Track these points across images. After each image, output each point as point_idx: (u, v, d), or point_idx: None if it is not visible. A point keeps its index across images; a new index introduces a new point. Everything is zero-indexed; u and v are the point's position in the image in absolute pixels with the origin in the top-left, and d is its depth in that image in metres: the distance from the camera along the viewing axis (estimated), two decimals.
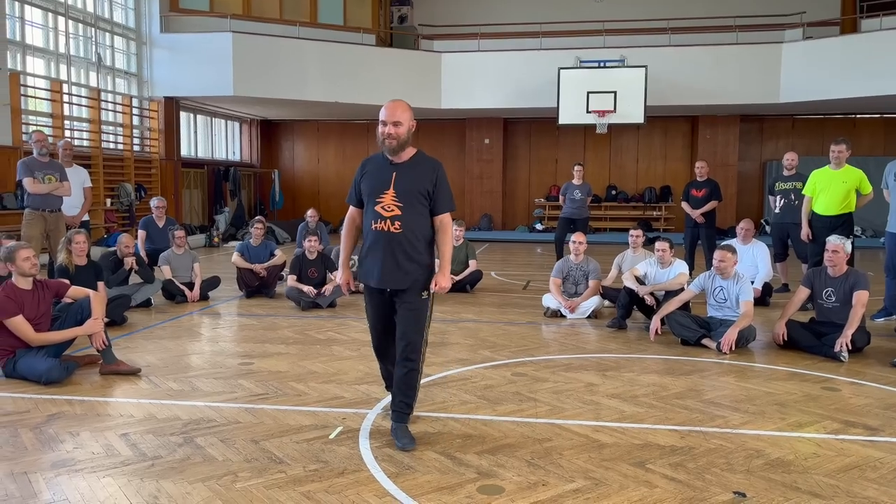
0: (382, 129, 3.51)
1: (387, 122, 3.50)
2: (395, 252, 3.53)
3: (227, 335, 6.41)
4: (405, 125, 3.53)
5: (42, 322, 4.88)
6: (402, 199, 3.52)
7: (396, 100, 3.61)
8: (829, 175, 7.62)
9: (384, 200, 3.52)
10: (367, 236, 3.61)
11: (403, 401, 3.65)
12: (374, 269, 3.58)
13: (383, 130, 3.51)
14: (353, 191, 3.70)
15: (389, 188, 3.52)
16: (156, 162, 14.99)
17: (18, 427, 3.83)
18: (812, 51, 14.95)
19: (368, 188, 3.59)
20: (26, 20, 11.92)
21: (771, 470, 3.32)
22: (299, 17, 15.94)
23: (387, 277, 3.55)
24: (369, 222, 3.57)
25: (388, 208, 3.51)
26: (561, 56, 15.50)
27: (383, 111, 3.53)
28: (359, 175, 3.67)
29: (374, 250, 3.56)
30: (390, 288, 3.58)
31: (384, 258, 3.54)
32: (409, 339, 3.59)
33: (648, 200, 18.45)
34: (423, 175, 3.57)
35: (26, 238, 7.08)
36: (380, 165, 3.62)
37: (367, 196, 3.59)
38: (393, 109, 3.52)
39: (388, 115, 3.51)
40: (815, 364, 5.30)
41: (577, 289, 7.29)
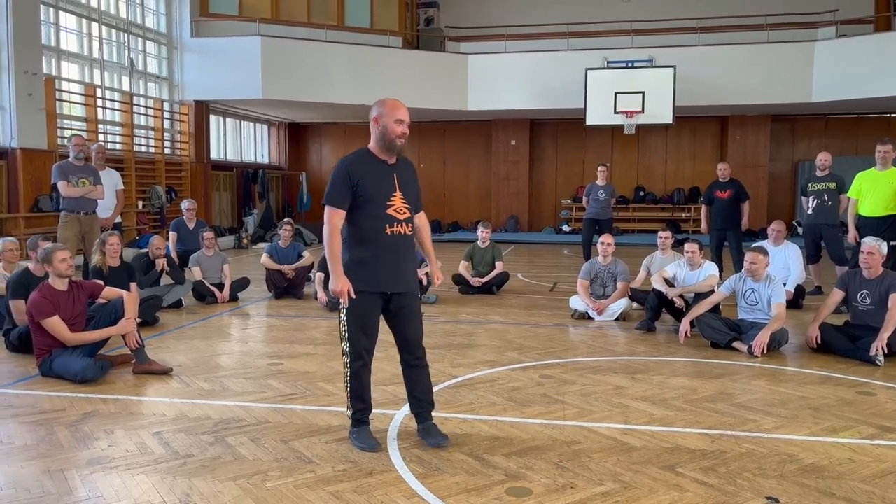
0: (399, 127, 3.41)
1: (404, 120, 3.43)
2: (408, 255, 3.52)
3: (256, 336, 6.48)
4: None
5: (77, 322, 4.98)
6: (408, 201, 3.50)
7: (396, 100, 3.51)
8: (874, 176, 7.47)
9: (395, 203, 3.44)
10: (372, 241, 3.42)
11: (429, 399, 3.67)
12: (388, 274, 3.44)
13: (402, 130, 3.42)
14: (346, 193, 3.37)
15: (396, 190, 3.45)
16: (186, 164, 15.22)
17: (55, 425, 3.91)
18: (845, 49, 14.67)
19: (373, 191, 3.39)
20: (61, 26, 12.18)
21: (804, 475, 3.26)
22: (327, 21, 16.06)
23: (401, 280, 3.49)
24: (381, 226, 3.40)
25: (400, 211, 3.45)
26: (588, 56, 15.42)
27: (398, 109, 3.42)
28: (352, 177, 3.37)
29: (387, 254, 3.43)
30: (402, 291, 3.51)
31: (399, 262, 3.47)
32: (419, 338, 3.61)
33: (677, 201, 18.25)
34: (414, 176, 3.60)
35: (62, 240, 7.23)
36: (377, 167, 3.45)
37: (372, 199, 3.39)
38: (406, 108, 3.46)
39: (405, 113, 3.43)
40: (849, 368, 5.20)
41: (605, 291, 7.24)
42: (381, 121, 3.42)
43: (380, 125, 3.43)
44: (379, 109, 3.45)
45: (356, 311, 3.45)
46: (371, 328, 3.52)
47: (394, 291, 3.49)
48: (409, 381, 3.66)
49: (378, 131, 3.44)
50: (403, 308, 3.54)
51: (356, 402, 3.59)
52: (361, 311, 3.46)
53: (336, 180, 3.39)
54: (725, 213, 9.33)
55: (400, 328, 3.58)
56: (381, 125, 3.43)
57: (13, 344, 5.55)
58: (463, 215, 19.49)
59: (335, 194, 3.38)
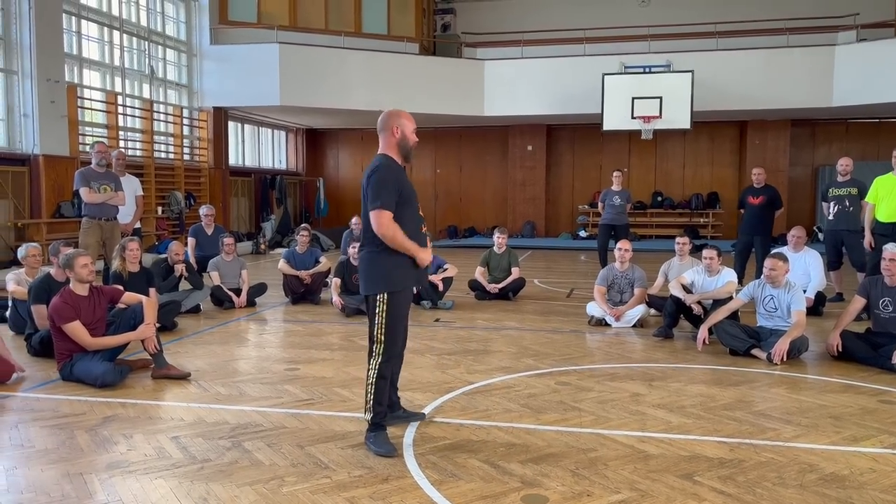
0: (414, 137, 3.72)
1: (415, 130, 3.74)
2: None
3: (273, 341, 6.52)
4: None
5: (97, 327, 5.03)
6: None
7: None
8: (892, 181, 7.39)
9: (419, 205, 3.76)
10: (412, 239, 3.61)
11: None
12: (421, 270, 3.74)
13: (415, 139, 3.73)
14: (395, 196, 3.56)
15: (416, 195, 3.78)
16: (205, 171, 15.36)
17: (74, 429, 3.96)
18: (866, 53, 14.51)
19: (408, 194, 3.64)
20: (83, 34, 12.37)
21: (825, 485, 3.22)
22: (344, 28, 16.16)
23: (424, 276, 3.96)
24: (417, 226, 3.68)
25: (420, 211, 3.78)
26: (605, 62, 15.38)
27: (412, 119, 3.74)
28: (396, 182, 3.58)
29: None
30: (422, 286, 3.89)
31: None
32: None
33: (695, 207, 18.12)
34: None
35: (83, 246, 7.32)
36: (403, 172, 3.70)
37: (409, 201, 3.63)
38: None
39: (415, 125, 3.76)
40: (871, 376, 5.13)
41: (622, 297, 7.20)
42: (401, 130, 3.67)
43: (398, 134, 3.66)
44: (397, 120, 3.67)
45: (398, 310, 3.63)
46: (405, 323, 3.74)
47: (421, 286, 3.73)
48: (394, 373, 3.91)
49: (397, 139, 3.67)
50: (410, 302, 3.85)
51: (378, 404, 3.63)
52: (402, 310, 3.67)
53: (386, 185, 3.55)
54: (755, 219, 9.21)
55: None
56: (400, 134, 3.66)
57: (35, 348, 5.63)
58: (479, 221, 19.49)
59: (387, 198, 3.54)
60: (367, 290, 3.67)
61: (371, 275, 3.64)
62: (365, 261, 3.68)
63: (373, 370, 3.63)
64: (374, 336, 3.65)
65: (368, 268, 3.65)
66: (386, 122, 3.68)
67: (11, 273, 6.70)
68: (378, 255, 3.61)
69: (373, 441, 3.63)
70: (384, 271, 3.59)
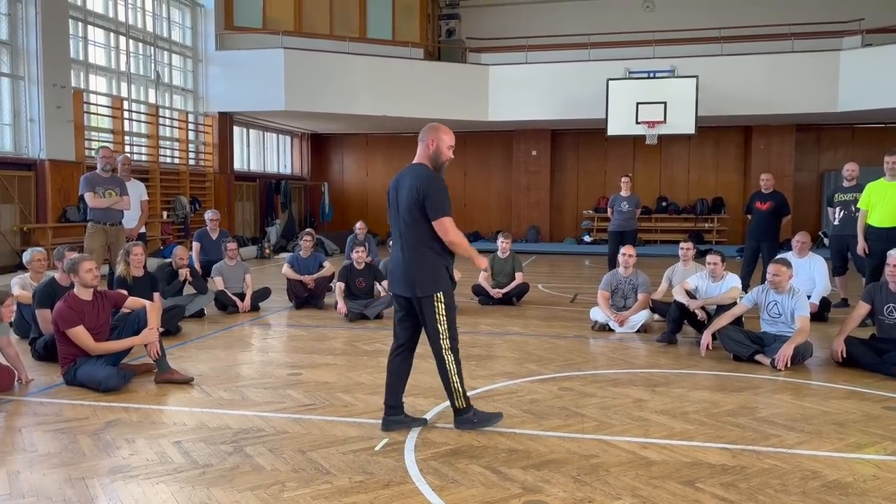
0: (450, 152, 3.94)
1: (452, 146, 3.97)
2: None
3: (276, 345, 6.53)
4: None
5: (101, 332, 5.05)
6: None
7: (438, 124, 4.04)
8: (884, 187, 7.39)
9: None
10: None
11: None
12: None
13: (451, 154, 3.95)
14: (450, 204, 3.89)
15: None
16: (210, 175, 15.41)
17: (77, 433, 3.97)
18: (871, 58, 14.48)
19: (449, 202, 3.90)
20: (89, 40, 12.43)
21: (828, 492, 3.20)
22: (349, 33, 16.21)
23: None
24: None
25: None
26: (610, 67, 15.38)
27: (451, 134, 3.96)
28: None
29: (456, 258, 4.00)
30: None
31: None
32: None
33: (700, 212, 18.08)
34: None
35: (88, 250, 7.35)
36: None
37: (450, 209, 3.89)
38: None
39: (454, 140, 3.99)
40: (875, 382, 5.10)
41: (625, 302, 7.19)
42: (437, 144, 3.90)
43: (433, 147, 3.90)
44: (435, 133, 3.91)
45: (453, 305, 3.93)
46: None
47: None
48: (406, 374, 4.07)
49: (430, 152, 3.91)
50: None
51: (464, 385, 3.95)
52: (454, 305, 3.94)
53: (446, 194, 3.84)
54: (763, 225, 9.18)
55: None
56: (434, 147, 3.90)
57: (39, 352, 5.65)
58: (483, 225, 19.49)
59: (448, 205, 3.84)
60: (423, 292, 3.83)
61: (424, 277, 3.83)
62: (413, 264, 3.85)
63: (452, 364, 3.87)
64: (438, 333, 3.84)
65: (420, 270, 3.83)
66: (425, 134, 3.93)
67: (17, 277, 6.73)
68: (430, 257, 3.83)
69: (478, 417, 3.96)
70: (438, 273, 3.85)
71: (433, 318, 3.84)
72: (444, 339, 3.85)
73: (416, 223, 3.80)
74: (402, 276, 3.88)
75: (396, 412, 4.01)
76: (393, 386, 4.01)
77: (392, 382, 4.01)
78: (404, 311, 3.99)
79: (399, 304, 4.00)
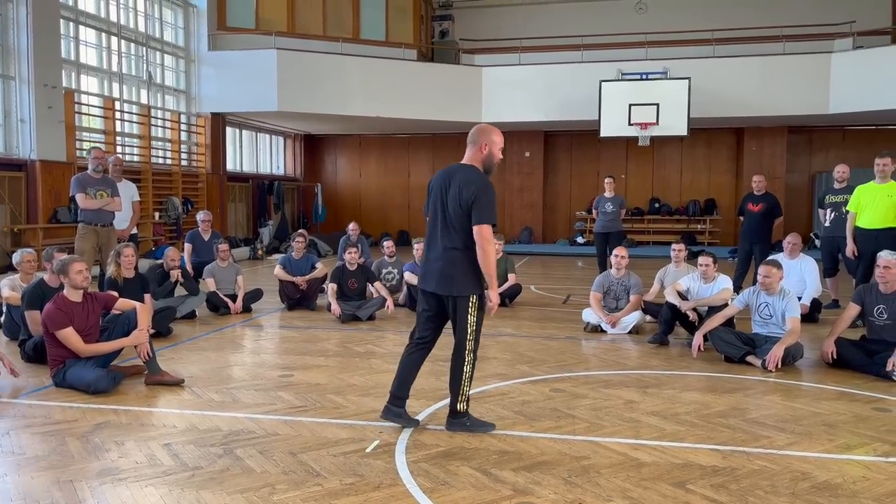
0: (500, 155, 3.95)
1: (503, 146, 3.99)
2: None
3: (268, 347, 6.51)
4: None
5: (91, 333, 5.02)
6: None
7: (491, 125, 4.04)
8: (873, 189, 7.44)
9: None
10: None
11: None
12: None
13: (500, 156, 3.96)
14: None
15: None
16: (202, 176, 15.36)
17: (66, 436, 3.94)
18: (863, 60, 14.55)
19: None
20: (81, 40, 12.38)
21: (817, 493, 3.21)
22: (342, 34, 16.19)
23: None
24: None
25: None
26: (602, 68, 15.40)
27: (502, 137, 3.96)
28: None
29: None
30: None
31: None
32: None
33: (692, 213, 18.13)
34: None
35: (79, 251, 7.31)
36: None
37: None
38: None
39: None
40: (865, 383, 5.12)
41: (617, 303, 7.20)
42: (489, 148, 3.90)
43: (486, 151, 3.90)
44: (488, 136, 3.90)
45: (482, 313, 3.93)
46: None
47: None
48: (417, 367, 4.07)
49: (483, 155, 3.91)
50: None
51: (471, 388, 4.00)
52: (482, 314, 3.94)
53: (494, 202, 3.80)
54: (755, 227, 9.22)
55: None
56: (487, 151, 3.90)
57: (28, 354, 5.61)
58: None
59: (494, 214, 3.79)
60: (459, 292, 3.83)
61: (463, 277, 3.82)
62: (452, 263, 3.83)
63: (469, 365, 3.90)
64: (466, 334, 3.87)
65: (459, 270, 3.82)
66: (476, 137, 3.91)
67: (6, 279, 6.69)
68: (470, 259, 3.81)
69: (471, 422, 3.99)
70: (476, 275, 3.84)
71: (465, 318, 3.86)
72: (470, 339, 3.88)
73: (461, 224, 3.79)
74: (439, 274, 3.86)
75: (400, 404, 4.04)
76: (405, 378, 4.04)
77: (405, 375, 4.04)
78: (434, 309, 3.98)
79: (428, 302, 3.99)
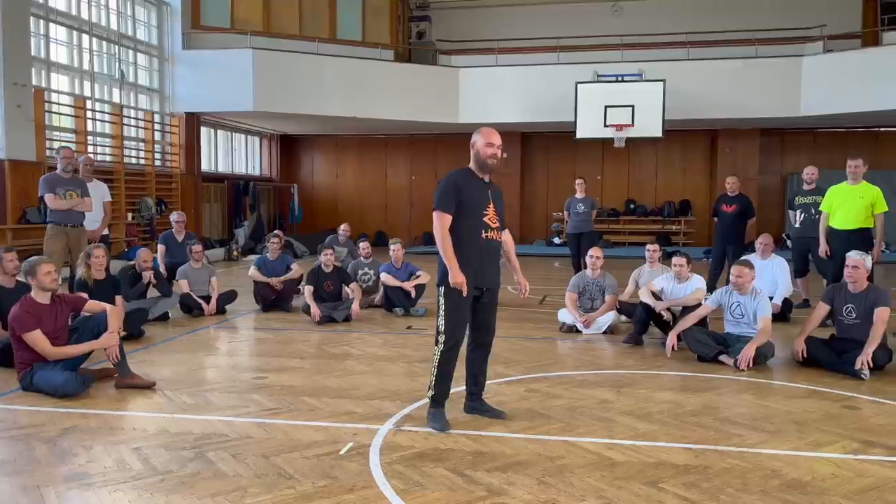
0: (490, 150, 4.01)
1: (494, 143, 4.03)
2: (496, 258, 4.17)
3: (242, 349, 6.44)
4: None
5: (59, 336, 4.93)
6: (498, 214, 4.13)
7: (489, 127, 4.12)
8: (845, 190, 7.56)
9: (489, 214, 4.06)
10: (472, 243, 3.99)
11: (485, 380, 4.37)
12: (481, 272, 4.04)
13: (492, 152, 4.02)
14: (452, 200, 3.96)
15: (490, 203, 4.08)
16: (176, 176, 15.18)
17: (33, 440, 3.86)
18: (833, 64, 14.80)
19: (471, 201, 3.99)
20: (51, 38, 12.16)
21: (787, 491, 3.25)
22: (318, 33, 16.10)
23: (494, 278, 4.15)
24: (476, 231, 4.00)
25: (493, 221, 4.07)
26: (578, 70, 15.48)
27: (492, 135, 4.03)
28: (456, 188, 3.98)
29: (483, 256, 4.05)
30: (492, 287, 4.15)
31: (491, 262, 4.11)
32: (495, 326, 4.30)
33: (668, 214, 18.31)
34: (501, 198, 4.24)
35: (48, 252, 7.18)
36: (475, 182, 4.06)
37: (471, 207, 3.99)
38: (498, 135, 4.07)
39: (497, 139, 4.04)
40: (835, 382, 5.19)
41: (593, 304, 7.23)
42: (476, 146, 4.06)
43: (475, 149, 4.06)
44: (475, 137, 4.07)
45: (457, 303, 3.99)
46: (466, 318, 4.11)
47: (487, 287, 4.12)
48: (475, 362, 4.28)
49: (473, 153, 4.08)
50: (491, 301, 4.21)
51: (441, 384, 4.06)
52: (461, 303, 4.00)
53: (445, 189, 3.99)
54: (729, 228, 9.29)
55: (484, 317, 4.20)
56: (475, 149, 4.06)
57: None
58: None
59: (444, 201, 3.96)
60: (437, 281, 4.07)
61: (440, 267, 4.03)
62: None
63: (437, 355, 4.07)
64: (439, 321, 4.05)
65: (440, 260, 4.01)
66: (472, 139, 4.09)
67: None
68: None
69: (432, 417, 4.09)
70: (443, 265, 3.98)
71: (438, 306, 4.05)
72: (441, 327, 4.02)
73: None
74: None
75: (475, 398, 4.33)
76: (467, 373, 4.33)
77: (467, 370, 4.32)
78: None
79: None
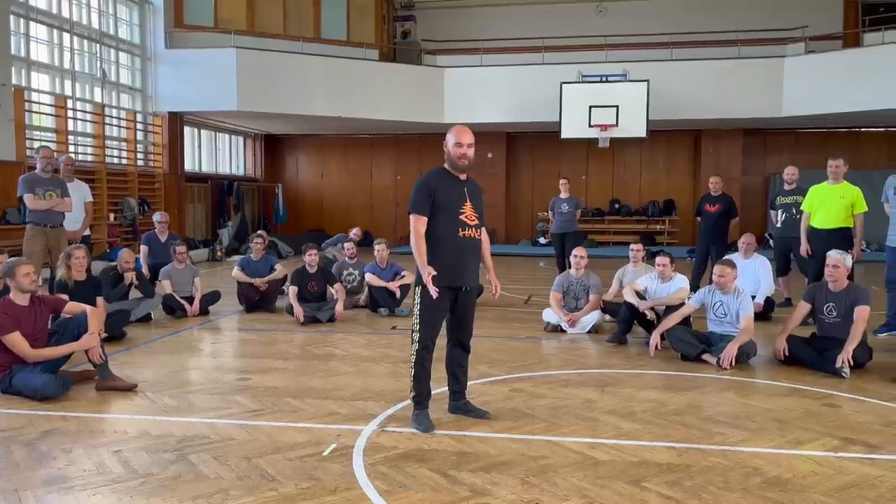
0: (459, 150, 4.02)
1: (463, 143, 4.02)
2: (476, 256, 4.15)
3: (226, 350, 6.40)
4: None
5: (39, 338, 4.87)
6: (476, 212, 4.11)
7: (464, 125, 4.11)
8: (826, 190, 7.64)
9: (466, 212, 4.06)
10: (448, 242, 4.00)
11: (467, 379, 4.36)
12: (459, 270, 4.03)
13: (461, 152, 4.02)
14: (426, 202, 3.98)
15: (466, 201, 4.07)
16: (159, 176, 15.05)
17: (11, 444, 3.81)
18: (814, 65, 14.94)
19: (447, 200, 4.00)
20: (31, 36, 12.02)
21: (768, 488, 3.27)
22: (303, 33, 16.03)
23: (472, 277, 4.11)
24: (453, 230, 4.00)
25: (470, 219, 4.06)
26: (563, 70, 15.52)
27: (461, 134, 4.03)
28: (429, 189, 3.99)
29: (462, 254, 4.04)
30: (471, 286, 4.12)
31: (470, 260, 4.09)
32: (471, 328, 4.27)
33: (652, 214, 18.41)
34: (480, 196, 4.20)
35: (27, 253, 7.10)
36: (449, 181, 4.07)
37: (447, 206, 4.00)
38: (469, 133, 4.06)
39: (467, 138, 4.03)
40: (816, 380, 5.24)
41: (577, 303, 7.25)
42: (447, 146, 4.07)
43: (446, 148, 4.08)
44: (447, 136, 4.08)
45: (431, 304, 3.97)
46: (440, 319, 4.09)
47: (467, 286, 4.10)
48: (454, 360, 4.28)
49: (445, 153, 4.10)
50: (469, 301, 4.18)
51: (419, 385, 4.07)
52: (436, 304, 3.98)
53: (418, 192, 4.02)
54: (712, 227, 9.36)
55: (462, 317, 4.19)
56: (447, 148, 4.08)
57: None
58: None
59: (418, 204, 4.00)
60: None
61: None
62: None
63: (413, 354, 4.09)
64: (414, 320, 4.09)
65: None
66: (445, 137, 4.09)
67: None
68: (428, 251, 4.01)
69: (416, 418, 4.08)
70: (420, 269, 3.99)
71: (412, 308, 4.10)
72: (413, 333, 4.05)
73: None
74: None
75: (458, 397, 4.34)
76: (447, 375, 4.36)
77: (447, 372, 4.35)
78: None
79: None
